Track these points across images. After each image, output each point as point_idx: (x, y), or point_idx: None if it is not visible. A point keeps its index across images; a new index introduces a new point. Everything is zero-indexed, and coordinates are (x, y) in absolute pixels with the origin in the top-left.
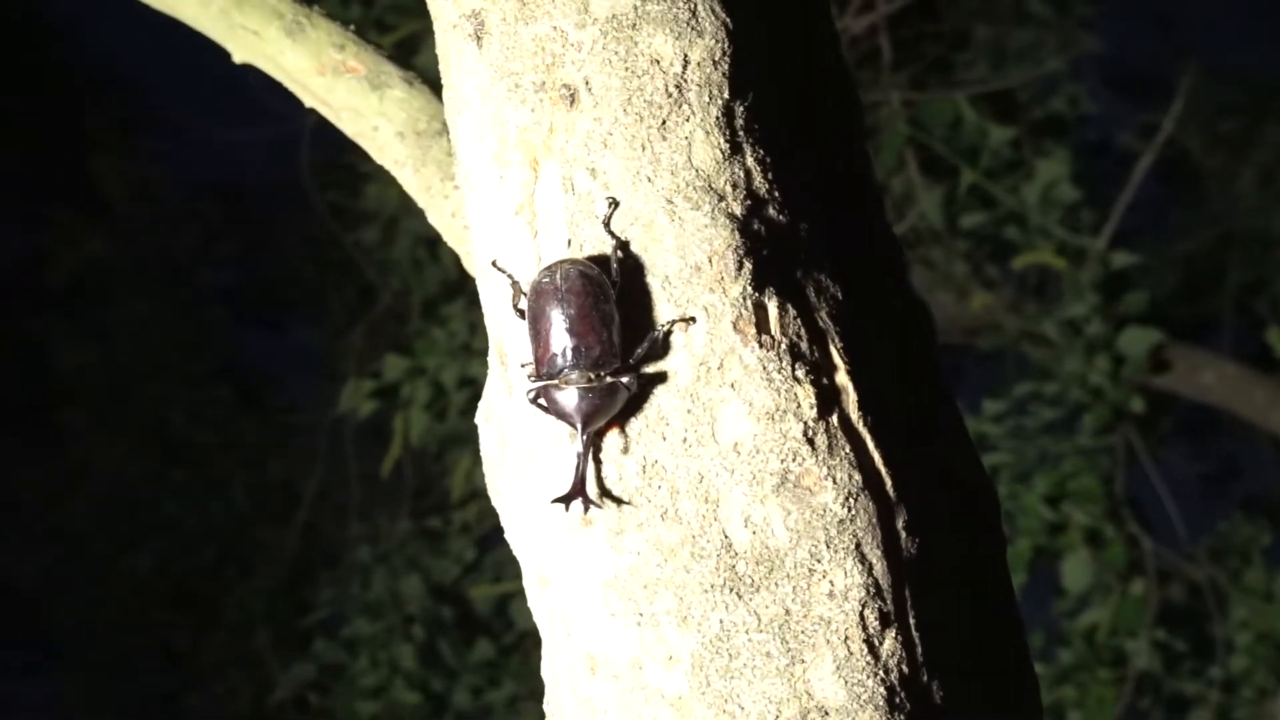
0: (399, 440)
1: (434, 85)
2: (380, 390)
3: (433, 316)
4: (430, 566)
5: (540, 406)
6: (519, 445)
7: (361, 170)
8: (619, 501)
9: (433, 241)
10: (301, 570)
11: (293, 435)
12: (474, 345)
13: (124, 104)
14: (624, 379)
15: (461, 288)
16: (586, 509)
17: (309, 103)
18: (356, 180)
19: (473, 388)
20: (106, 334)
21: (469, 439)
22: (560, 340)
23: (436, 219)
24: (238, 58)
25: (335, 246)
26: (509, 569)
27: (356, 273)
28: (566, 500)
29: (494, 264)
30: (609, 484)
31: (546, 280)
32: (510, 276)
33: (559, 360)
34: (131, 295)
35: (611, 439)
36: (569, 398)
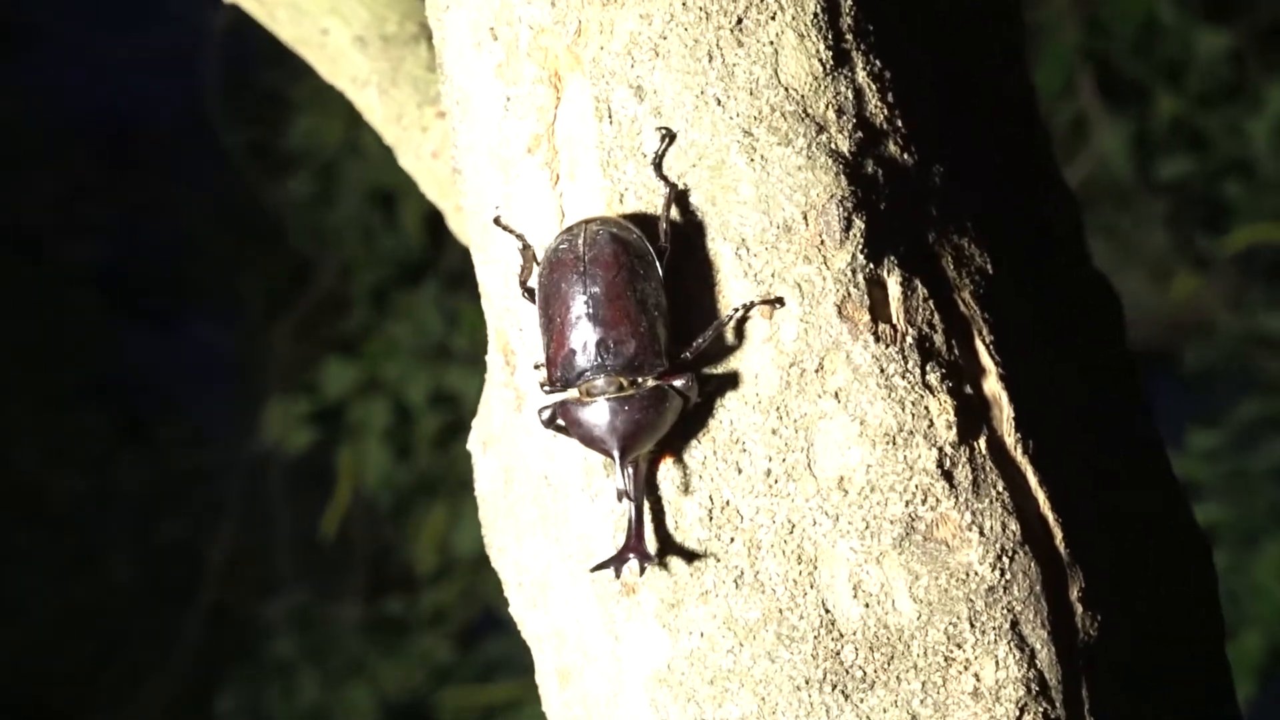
0: (346, 485)
1: None
2: (319, 413)
3: (391, 305)
4: (387, 672)
5: (558, 429)
6: (531, 481)
7: (290, 96)
8: (690, 557)
9: (388, 196)
10: (209, 674)
11: (195, 480)
12: (452, 345)
13: None
14: (677, 381)
15: (433, 263)
16: (643, 570)
17: None
18: (282, 110)
19: (451, 407)
20: None
21: (445, 483)
22: (581, 332)
23: (410, 160)
24: None
25: (252, 206)
26: (501, 673)
27: (282, 243)
28: (615, 564)
29: (496, 222)
30: (661, 537)
31: (564, 247)
32: (519, 239)
33: (578, 360)
34: None
35: (665, 472)
36: (597, 414)
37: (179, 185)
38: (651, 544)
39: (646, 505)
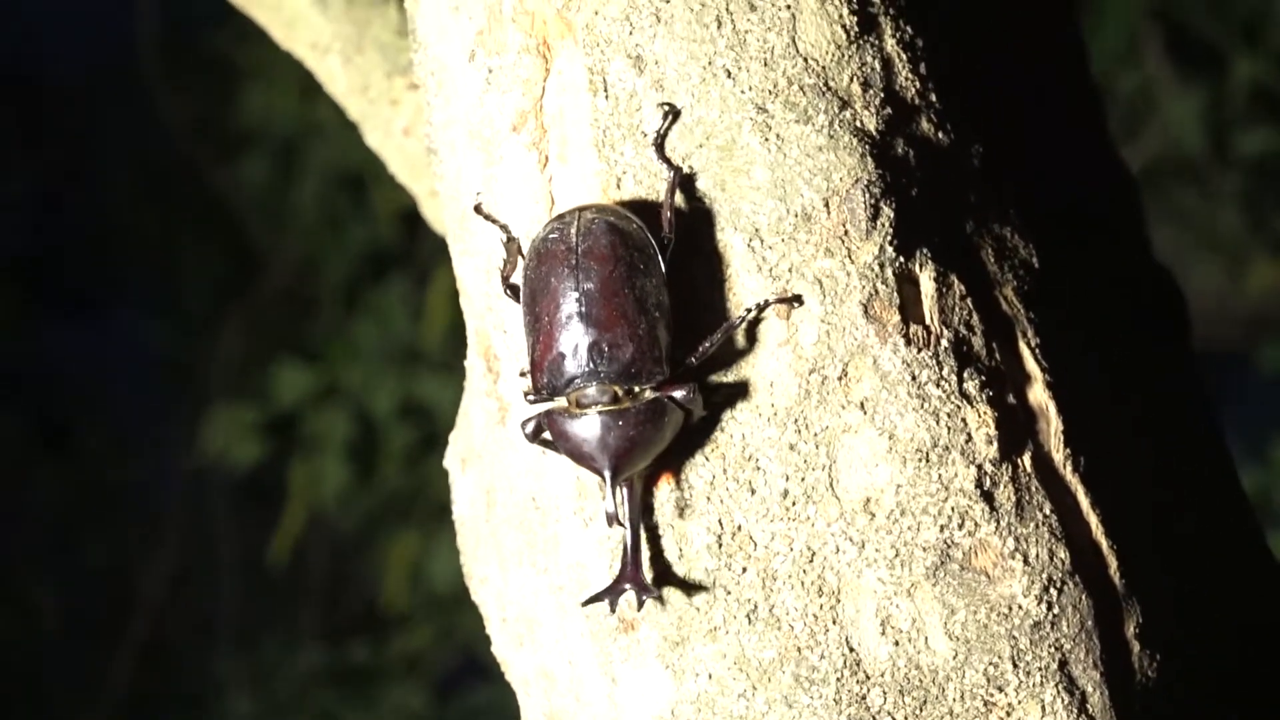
0: (299, 507)
1: None
2: (270, 423)
3: (356, 302)
4: None
5: (544, 444)
6: (517, 503)
7: (239, 62)
8: (696, 589)
9: (355, 180)
10: None
11: (126, 499)
12: (424, 349)
13: None
14: (678, 393)
15: (405, 255)
16: (641, 604)
17: None
18: (230, 78)
19: (423, 419)
20: None
21: (417, 507)
22: (571, 333)
23: (377, 137)
24: None
25: (195, 186)
26: None
27: (229, 230)
28: (610, 597)
29: (477, 209)
30: (663, 566)
31: (554, 237)
32: (503, 230)
33: (568, 365)
34: None
35: (664, 494)
36: (587, 428)
37: (103, 155)
38: (650, 577)
39: (644, 531)
